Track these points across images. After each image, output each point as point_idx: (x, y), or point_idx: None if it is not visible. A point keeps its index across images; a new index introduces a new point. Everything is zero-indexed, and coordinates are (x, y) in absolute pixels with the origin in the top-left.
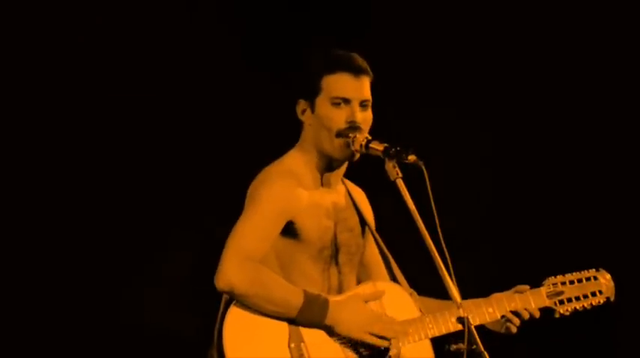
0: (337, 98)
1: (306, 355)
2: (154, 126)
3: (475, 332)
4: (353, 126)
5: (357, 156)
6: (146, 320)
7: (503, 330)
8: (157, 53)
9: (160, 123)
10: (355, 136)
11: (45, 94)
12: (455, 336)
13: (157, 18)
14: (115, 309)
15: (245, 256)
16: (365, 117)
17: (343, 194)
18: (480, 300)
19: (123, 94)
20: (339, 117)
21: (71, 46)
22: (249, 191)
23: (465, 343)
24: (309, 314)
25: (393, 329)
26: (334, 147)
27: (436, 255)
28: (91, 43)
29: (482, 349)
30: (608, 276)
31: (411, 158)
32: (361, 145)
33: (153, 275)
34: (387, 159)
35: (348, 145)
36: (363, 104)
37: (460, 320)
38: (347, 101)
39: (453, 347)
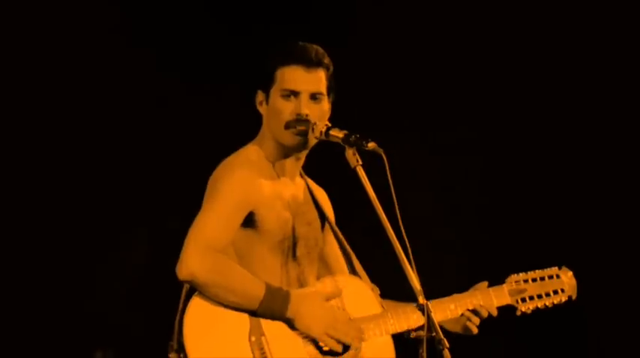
0: (286, 90)
1: (266, 348)
2: (109, 120)
3: (435, 319)
4: (300, 119)
5: (311, 144)
6: (103, 313)
7: (462, 330)
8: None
9: (115, 117)
10: (315, 123)
11: None
12: None
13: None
14: (70, 302)
15: (206, 246)
16: (316, 110)
17: (302, 188)
18: (442, 298)
19: (84, 88)
20: (286, 109)
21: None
22: (210, 182)
23: (425, 330)
24: (271, 306)
25: (349, 334)
26: (284, 137)
27: (396, 242)
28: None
29: (442, 336)
30: (570, 274)
31: (371, 145)
32: (321, 132)
33: (108, 269)
34: (347, 147)
35: (297, 134)
36: (314, 97)
37: (420, 307)
38: (296, 93)
39: (413, 333)
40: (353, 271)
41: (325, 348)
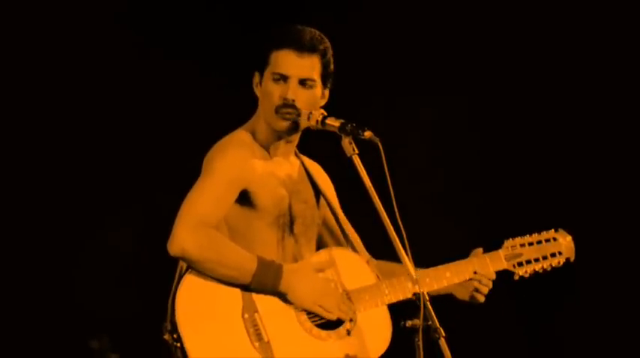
0: (276, 74)
1: (260, 325)
2: (96, 99)
3: (430, 307)
4: (287, 104)
5: (302, 127)
6: (95, 301)
7: (469, 299)
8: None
9: (107, 97)
10: (311, 112)
11: None
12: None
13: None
14: (59, 288)
15: (198, 221)
16: (303, 96)
17: (297, 167)
18: (439, 267)
19: (69, 74)
20: (275, 93)
21: None
22: (205, 161)
23: (421, 319)
24: (264, 279)
25: (340, 307)
26: (273, 120)
27: (392, 230)
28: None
29: (438, 325)
30: (568, 237)
31: (367, 134)
32: (317, 121)
33: (98, 252)
34: (343, 136)
35: (284, 119)
36: (303, 82)
37: (416, 296)
38: (285, 77)
39: (409, 323)
40: (351, 246)
41: (319, 321)
